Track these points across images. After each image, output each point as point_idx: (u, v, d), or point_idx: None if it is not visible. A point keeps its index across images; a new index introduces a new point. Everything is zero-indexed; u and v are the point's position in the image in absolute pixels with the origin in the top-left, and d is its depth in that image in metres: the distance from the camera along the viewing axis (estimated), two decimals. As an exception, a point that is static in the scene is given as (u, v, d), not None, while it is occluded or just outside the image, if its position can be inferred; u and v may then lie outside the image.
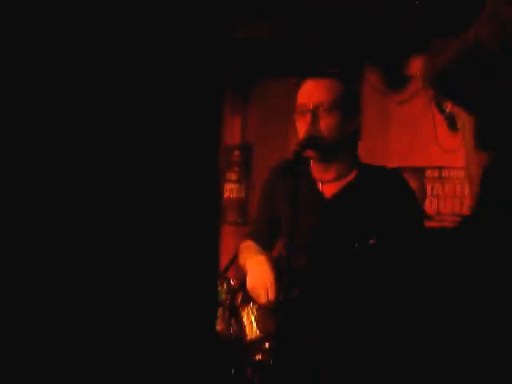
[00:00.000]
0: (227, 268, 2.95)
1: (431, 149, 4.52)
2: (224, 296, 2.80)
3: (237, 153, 5.63)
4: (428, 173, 4.54)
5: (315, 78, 2.60)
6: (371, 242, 2.42)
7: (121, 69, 1.05)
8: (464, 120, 1.62)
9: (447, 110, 1.90)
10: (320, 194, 2.59)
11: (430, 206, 4.51)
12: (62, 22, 1.04)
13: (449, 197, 4.45)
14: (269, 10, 3.97)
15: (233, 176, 5.69)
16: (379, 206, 2.52)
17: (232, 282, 2.65)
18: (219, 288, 3.87)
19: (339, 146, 2.56)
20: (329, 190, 2.59)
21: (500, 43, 1.38)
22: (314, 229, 2.52)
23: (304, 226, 2.52)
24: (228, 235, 5.43)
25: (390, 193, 2.54)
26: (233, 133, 5.61)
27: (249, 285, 2.53)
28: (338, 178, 2.58)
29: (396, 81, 4.60)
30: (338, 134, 2.53)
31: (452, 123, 1.94)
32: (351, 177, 2.59)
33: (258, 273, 2.52)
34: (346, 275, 2.45)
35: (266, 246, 2.75)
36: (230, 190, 5.66)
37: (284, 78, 5.03)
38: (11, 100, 1.05)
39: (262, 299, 2.49)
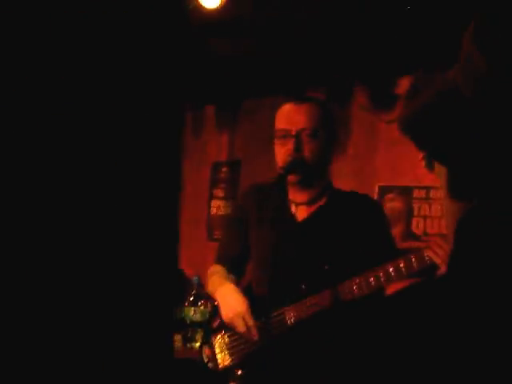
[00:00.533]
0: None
1: (419, 169, 4.49)
2: (207, 316, 2.78)
3: (224, 169, 5.61)
4: (415, 193, 4.53)
5: (295, 102, 2.61)
6: (340, 264, 2.44)
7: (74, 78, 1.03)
8: (440, 169, 1.61)
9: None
10: (292, 217, 2.58)
11: (416, 226, 4.49)
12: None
13: (436, 217, 4.44)
14: (257, 27, 3.96)
15: (220, 193, 5.65)
16: (349, 228, 2.54)
17: (216, 303, 2.62)
18: (203, 308, 3.84)
19: (319, 171, 2.58)
20: (301, 213, 2.61)
21: (473, 89, 1.36)
22: (285, 251, 2.50)
23: (275, 249, 2.52)
24: (215, 252, 5.38)
25: (360, 216, 2.57)
26: (220, 149, 5.58)
27: (224, 317, 2.52)
28: (312, 201, 2.60)
29: (384, 100, 4.59)
30: (320, 159, 2.57)
31: (429, 164, 1.93)
32: (323, 201, 2.60)
33: (230, 303, 2.51)
34: (316, 296, 2.44)
35: (235, 271, 2.73)
36: (217, 207, 5.62)
37: (272, 96, 5.02)
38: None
39: (241, 328, 2.47)
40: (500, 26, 1.36)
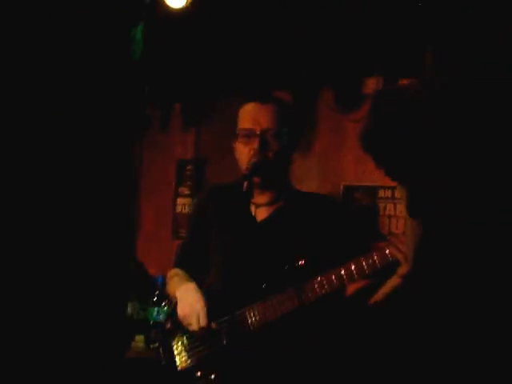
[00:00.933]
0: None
1: (385, 169, 4.50)
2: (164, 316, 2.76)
3: (189, 167, 5.57)
4: (381, 193, 4.54)
5: (259, 101, 2.59)
6: (301, 263, 2.42)
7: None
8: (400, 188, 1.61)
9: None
10: (252, 218, 2.57)
11: (382, 226, 4.51)
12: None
13: (401, 217, 4.45)
14: (224, 27, 3.94)
15: (185, 190, 5.62)
16: (309, 228, 2.54)
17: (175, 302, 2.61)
18: (167, 308, 3.81)
19: (282, 172, 2.56)
20: (261, 214, 2.60)
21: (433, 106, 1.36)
22: (245, 252, 2.49)
23: (235, 250, 2.51)
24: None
25: (320, 217, 2.56)
26: (186, 147, 5.55)
27: (179, 313, 2.50)
28: (272, 202, 2.58)
29: (351, 100, 4.60)
30: (283, 160, 2.55)
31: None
32: (282, 201, 2.59)
33: (188, 300, 2.49)
34: (278, 296, 2.43)
35: (195, 272, 2.71)
36: (182, 205, 5.59)
37: (239, 96, 5.00)
38: None
39: (194, 326, 2.46)
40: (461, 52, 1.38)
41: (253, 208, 2.60)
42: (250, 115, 2.56)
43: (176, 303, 2.56)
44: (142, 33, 1.08)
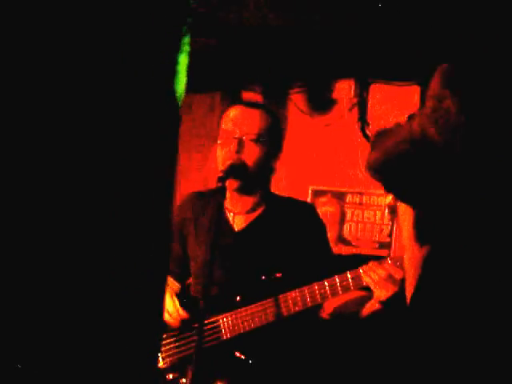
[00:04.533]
0: None
1: (354, 174, 4.51)
2: None
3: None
4: (349, 198, 4.52)
5: (245, 105, 2.57)
6: (277, 275, 2.41)
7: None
8: (404, 211, 1.61)
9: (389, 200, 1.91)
10: (230, 227, 2.54)
11: (349, 231, 4.49)
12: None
13: (368, 223, 4.44)
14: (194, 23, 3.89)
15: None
16: (287, 238, 2.52)
17: None
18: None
19: (259, 179, 2.53)
20: (239, 222, 2.56)
21: (444, 137, 1.34)
22: (222, 263, 2.46)
23: (212, 261, 2.49)
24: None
25: (299, 225, 2.55)
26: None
27: None
28: (250, 210, 2.55)
29: (321, 103, 4.58)
30: (260, 167, 2.52)
31: (392, 213, 1.95)
32: (261, 210, 2.56)
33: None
34: (253, 307, 2.42)
35: (178, 280, 2.68)
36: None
37: (208, 93, 4.95)
38: None
39: (174, 324, 2.45)
40: (475, 71, 1.35)
41: (230, 216, 2.56)
42: (232, 118, 2.53)
43: None
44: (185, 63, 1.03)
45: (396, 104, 4.34)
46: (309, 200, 4.58)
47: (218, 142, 2.54)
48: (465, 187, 1.35)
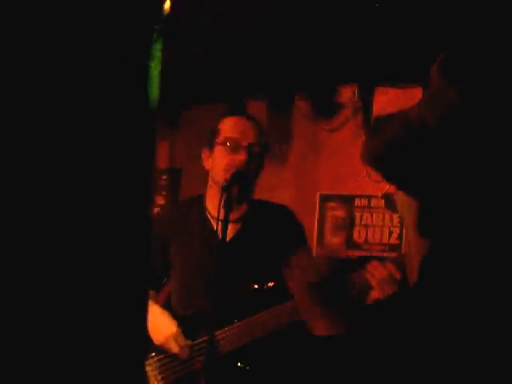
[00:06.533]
0: None
1: (361, 178, 4.51)
2: None
3: (164, 177, 5.54)
4: (357, 202, 4.53)
5: (241, 116, 2.66)
6: (270, 285, 2.46)
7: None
8: (403, 204, 1.62)
9: (384, 191, 1.93)
10: (216, 236, 2.55)
11: (358, 235, 4.50)
12: None
13: (377, 226, 4.45)
14: (196, 35, 3.91)
15: (160, 200, 5.59)
16: (271, 243, 2.58)
17: None
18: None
19: (253, 187, 2.60)
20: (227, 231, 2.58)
21: (443, 125, 1.35)
22: (211, 272, 2.43)
23: (200, 270, 2.54)
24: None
25: (279, 229, 2.62)
26: (160, 157, 5.52)
27: (156, 342, 2.48)
28: (238, 219, 2.61)
29: (326, 108, 4.59)
30: (257, 175, 2.59)
31: (389, 204, 1.96)
32: (246, 218, 2.63)
33: (159, 327, 2.48)
34: (247, 315, 2.45)
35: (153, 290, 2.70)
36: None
37: (212, 103, 4.98)
38: None
39: (174, 350, 2.46)
40: (472, 58, 1.35)
41: (214, 224, 2.58)
42: (237, 127, 2.58)
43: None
44: (160, 49, 1.05)
45: (401, 107, 4.35)
46: (317, 205, 4.59)
47: (220, 148, 2.56)
48: (464, 175, 1.36)
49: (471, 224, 1.36)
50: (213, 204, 2.57)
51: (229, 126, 2.58)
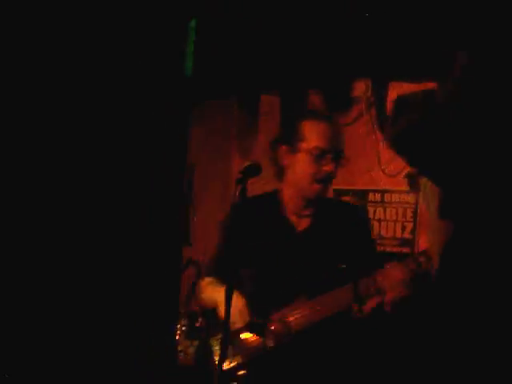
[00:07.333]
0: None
1: (374, 172, 4.51)
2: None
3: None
4: (370, 196, 4.52)
5: (329, 122, 2.67)
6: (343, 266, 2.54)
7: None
8: (429, 191, 1.63)
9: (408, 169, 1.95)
10: (293, 228, 2.66)
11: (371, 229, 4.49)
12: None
13: (391, 221, 4.44)
14: (208, 29, 3.91)
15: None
16: (345, 239, 2.63)
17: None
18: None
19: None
20: (301, 224, 2.68)
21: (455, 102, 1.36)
22: (288, 262, 2.59)
23: (277, 260, 2.61)
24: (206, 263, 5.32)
25: (351, 224, 2.66)
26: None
27: (222, 314, 2.51)
28: (312, 213, 2.67)
29: (339, 103, 4.58)
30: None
31: (413, 184, 1.98)
32: (319, 212, 2.68)
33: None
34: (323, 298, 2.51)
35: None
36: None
37: (225, 99, 4.98)
38: None
39: (239, 323, 2.51)
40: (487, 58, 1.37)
41: (293, 218, 2.68)
42: (325, 135, 2.61)
43: (215, 308, 2.60)
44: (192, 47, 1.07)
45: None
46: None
47: (303, 155, 2.60)
48: (485, 162, 1.36)
49: (493, 211, 1.37)
50: (293, 202, 2.67)
51: (316, 134, 2.60)
